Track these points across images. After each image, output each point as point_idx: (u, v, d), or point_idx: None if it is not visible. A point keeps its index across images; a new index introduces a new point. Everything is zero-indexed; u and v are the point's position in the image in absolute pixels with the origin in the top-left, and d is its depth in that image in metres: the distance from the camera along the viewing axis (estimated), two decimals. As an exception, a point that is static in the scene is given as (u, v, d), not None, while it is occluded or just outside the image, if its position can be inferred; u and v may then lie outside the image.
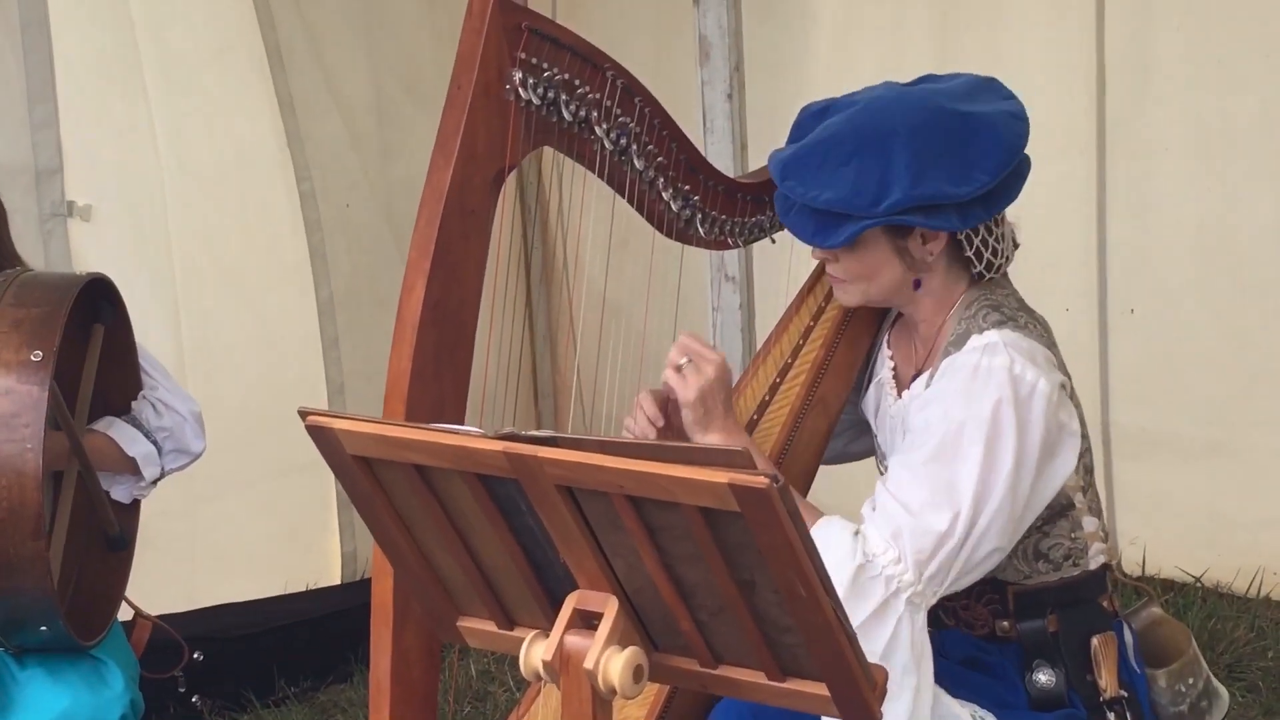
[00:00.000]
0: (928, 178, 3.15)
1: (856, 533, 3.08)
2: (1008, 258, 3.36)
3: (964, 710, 3.16)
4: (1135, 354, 5.69)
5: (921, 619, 3.08)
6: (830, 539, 3.07)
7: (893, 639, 3.04)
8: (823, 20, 5.86)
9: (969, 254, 3.29)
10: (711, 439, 3.22)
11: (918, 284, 3.31)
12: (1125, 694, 3.30)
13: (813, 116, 3.33)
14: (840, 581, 3.00)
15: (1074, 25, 5.52)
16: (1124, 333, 5.69)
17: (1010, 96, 3.31)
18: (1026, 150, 3.25)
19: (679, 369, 3.26)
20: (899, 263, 3.27)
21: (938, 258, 3.29)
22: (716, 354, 3.28)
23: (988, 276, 3.33)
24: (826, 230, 3.21)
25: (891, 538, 3.06)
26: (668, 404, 3.39)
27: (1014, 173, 3.24)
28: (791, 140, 3.32)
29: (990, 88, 3.32)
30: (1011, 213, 3.35)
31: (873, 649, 2.99)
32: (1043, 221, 5.45)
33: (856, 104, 3.28)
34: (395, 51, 6.22)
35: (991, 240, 3.30)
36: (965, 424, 3.11)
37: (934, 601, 3.11)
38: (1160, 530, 5.74)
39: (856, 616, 2.99)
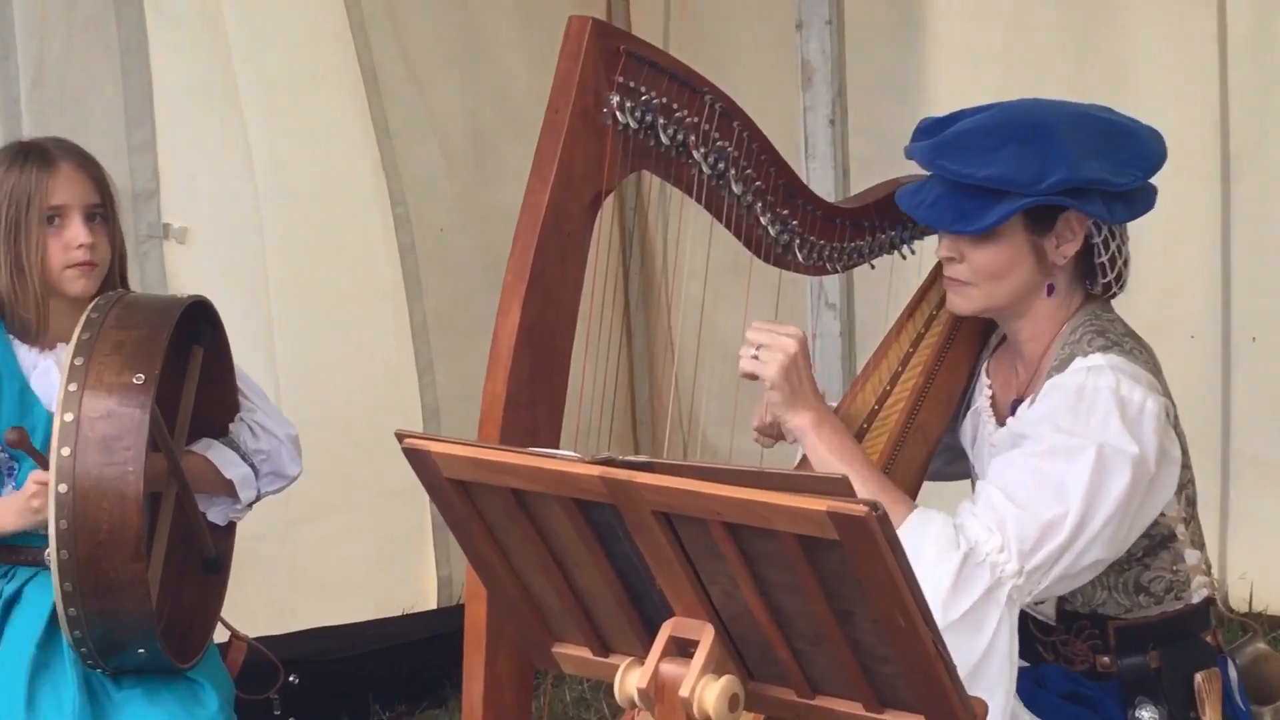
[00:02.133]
0: (1087, 164, 3.16)
1: (953, 523, 3.04)
2: (1125, 281, 3.34)
3: None
4: (1257, 383, 5.63)
5: (1014, 617, 3.01)
6: (930, 530, 3.03)
7: (995, 634, 2.97)
8: (942, 44, 5.83)
9: (1100, 261, 3.27)
10: (802, 418, 3.19)
11: (1051, 289, 3.28)
12: (1230, 732, 3.26)
13: (940, 122, 3.32)
14: (946, 572, 2.96)
15: (1198, 51, 5.48)
16: (1247, 361, 5.63)
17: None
18: (1159, 175, 3.25)
19: (755, 355, 3.22)
20: (1031, 262, 3.25)
21: (1066, 264, 3.27)
22: (793, 328, 3.24)
23: (1110, 293, 3.32)
24: (973, 214, 3.19)
25: (995, 526, 3.02)
26: None
27: (1151, 186, 3.26)
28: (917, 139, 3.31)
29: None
30: (1136, 238, 3.34)
31: (975, 644, 2.95)
32: (1167, 249, 5.45)
33: (995, 106, 3.29)
34: (491, 76, 6.23)
35: (1125, 251, 3.30)
36: (1075, 432, 3.08)
37: (1030, 601, 3.06)
38: (1272, 563, 5.66)
39: (959, 606, 2.95)
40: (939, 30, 5.85)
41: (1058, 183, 3.14)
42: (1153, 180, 3.26)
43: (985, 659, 2.95)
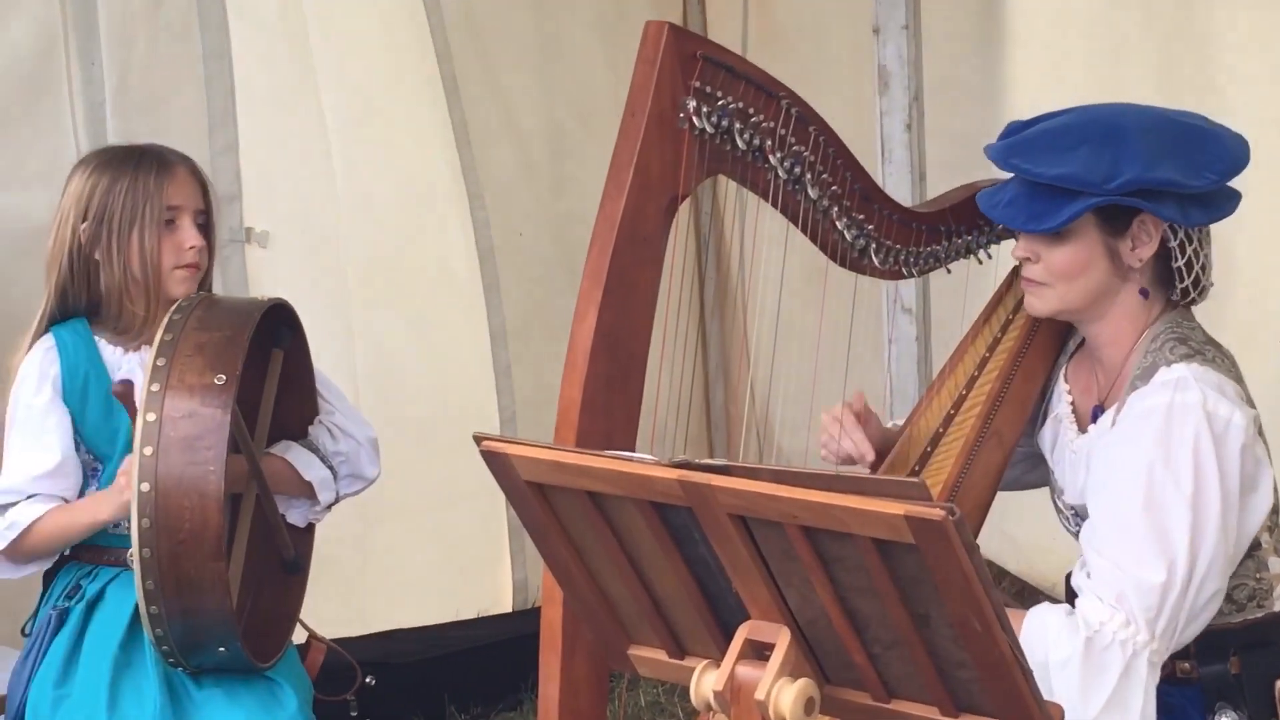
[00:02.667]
0: (1160, 165, 3.15)
1: (1069, 612, 3.04)
2: (1206, 287, 3.32)
3: None
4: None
5: (1157, 677, 3.03)
6: (1047, 628, 3.05)
7: (1145, 705, 2.99)
8: (1024, 46, 5.81)
9: (1178, 264, 3.26)
10: None
11: (1145, 293, 3.28)
12: (1311, 739, 3.24)
13: (1025, 124, 3.33)
14: (1073, 663, 2.98)
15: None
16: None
17: None
18: (1251, 179, 3.24)
19: None
20: (1105, 264, 3.25)
21: (1143, 267, 3.26)
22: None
23: (1189, 298, 3.30)
24: (1045, 213, 3.19)
25: (1116, 601, 3.02)
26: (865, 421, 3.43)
27: (1232, 190, 3.25)
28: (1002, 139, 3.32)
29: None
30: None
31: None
32: (1262, 251, 5.40)
33: (1077, 109, 3.30)
34: (570, 81, 6.24)
35: (1203, 256, 3.29)
36: (1167, 469, 3.07)
37: (1167, 656, 3.06)
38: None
39: (1101, 693, 2.97)
40: (1020, 32, 5.82)
41: (1128, 183, 3.14)
42: (1235, 184, 3.24)
43: None
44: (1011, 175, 3.27)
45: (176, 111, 5.20)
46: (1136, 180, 3.14)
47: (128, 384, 3.69)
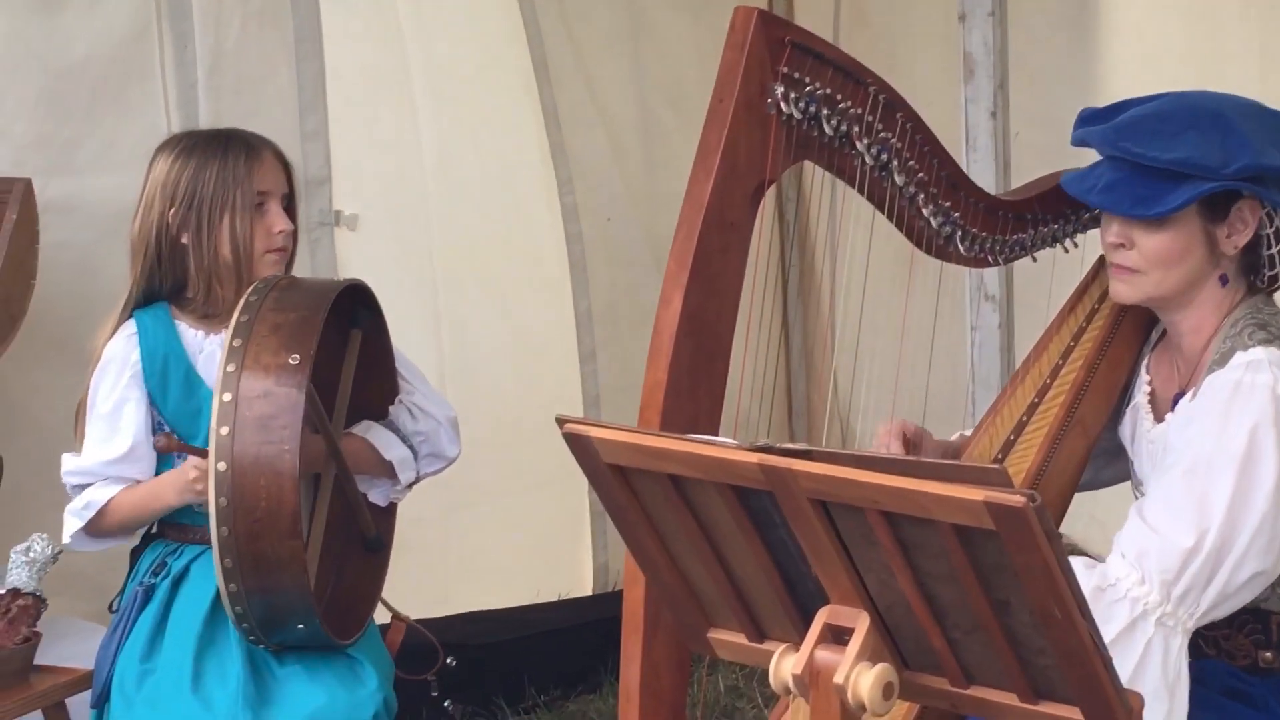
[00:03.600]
0: (1268, 152, 3.14)
1: (1093, 567, 3.01)
2: None
3: None
4: None
5: (1178, 644, 2.99)
6: None
7: (1140, 664, 2.96)
8: (1119, 33, 5.78)
9: (1270, 253, 3.25)
10: None
11: (1225, 279, 3.26)
12: (1391, 728, 3.22)
13: (1106, 110, 3.30)
14: None
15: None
16: None
17: None
18: None
19: None
20: (1202, 251, 3.22)
21: (1235, 255, 3.24)
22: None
23: (1275, 287, 3.29)
24: (1153, 199, 3.17)
25: (1136, 559, 3.00)
26: (916, 444, 3.42)
27: None
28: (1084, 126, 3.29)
29: None
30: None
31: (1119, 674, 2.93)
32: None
33: (1166, 95, 3.27)
34: (659, 66, 6.24)
35: None
36: (1221, 441, 3.05)
37: (1194, 625, 3.02)
38: None
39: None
40: (1115, 19, 5.78)
41: (1244, 168, 3.12)
42: None
43: (1131, 685, 2.92)
44: (1100, 159, 3.24)
45: (268, 94, 5.22)
46: (1251, 166, 3.12)
47: (169, 436, 3.74)
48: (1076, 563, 2.98)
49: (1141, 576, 2.98)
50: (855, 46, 6.21)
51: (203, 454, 3.61)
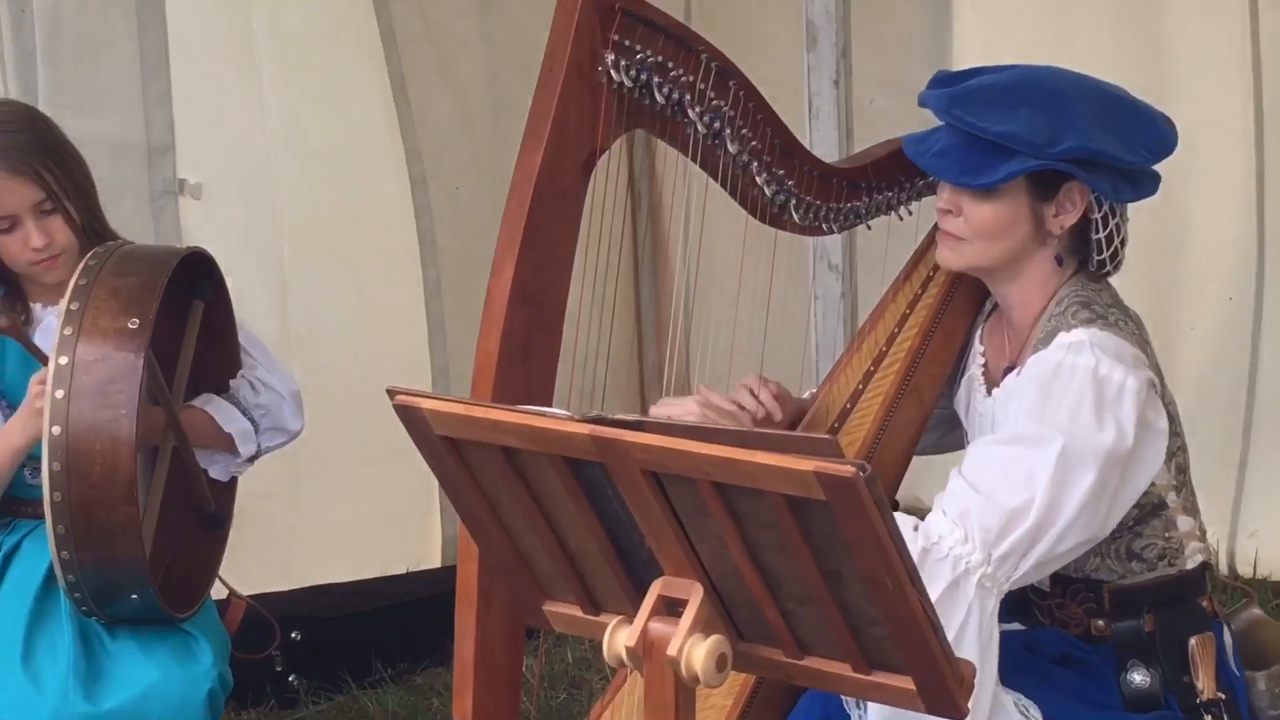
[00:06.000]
0: (1100, 137, 3.15)
1: (916, 527, 3.01)
2: (1120, 261, 3.32)
3: (1008, 697, 3.09)
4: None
5: (992, 605, 3.00)
6: None
7: (964, 625, 2.96)
8: (978, 7, 5.82)
9: (1097, 237, 3.26)
10: None
11: (1060, 260, 3.27)
12: (1223, 696, 3.24)
13: (957, 75, 3.32)
14: None
15: (1231, 12, 5.46)
16: (1276, 323, 5.64)
17: None
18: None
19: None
20: (1028, 226, 3.24)
21: (1063, 235, 3.26)
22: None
23: (1104, 272, 3.30)
24: (980, 168, 3.18)
25: (958, 517, 3.00)
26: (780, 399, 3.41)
27: (1155, 172, 3.27)
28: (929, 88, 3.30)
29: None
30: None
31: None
32: (1209, 211, 5.45)
33: (1016, 67, 3.29)
34: (509, 35, 6.19)
35: (1123, 230, 3.30)
36: (1047, 417, 3.06)
37: (1008, 588, 3.03)
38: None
39: None
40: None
41: (1069, 149, 3.14)
42: (1159, 167, 3.27)
43: (954, 647, 2.93)
44: (941, 124, 3.24)
45: (109, 61, 5.14)
46: (1077, 148, 3.14)
47: (10, 317, 3.68)
48: (903, 525, 2.99)
49: (964, 535, 2.98)
50: (706, 16, 6.23)
51: (45, 359, 3.55)
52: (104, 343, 3.48)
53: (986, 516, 2.99)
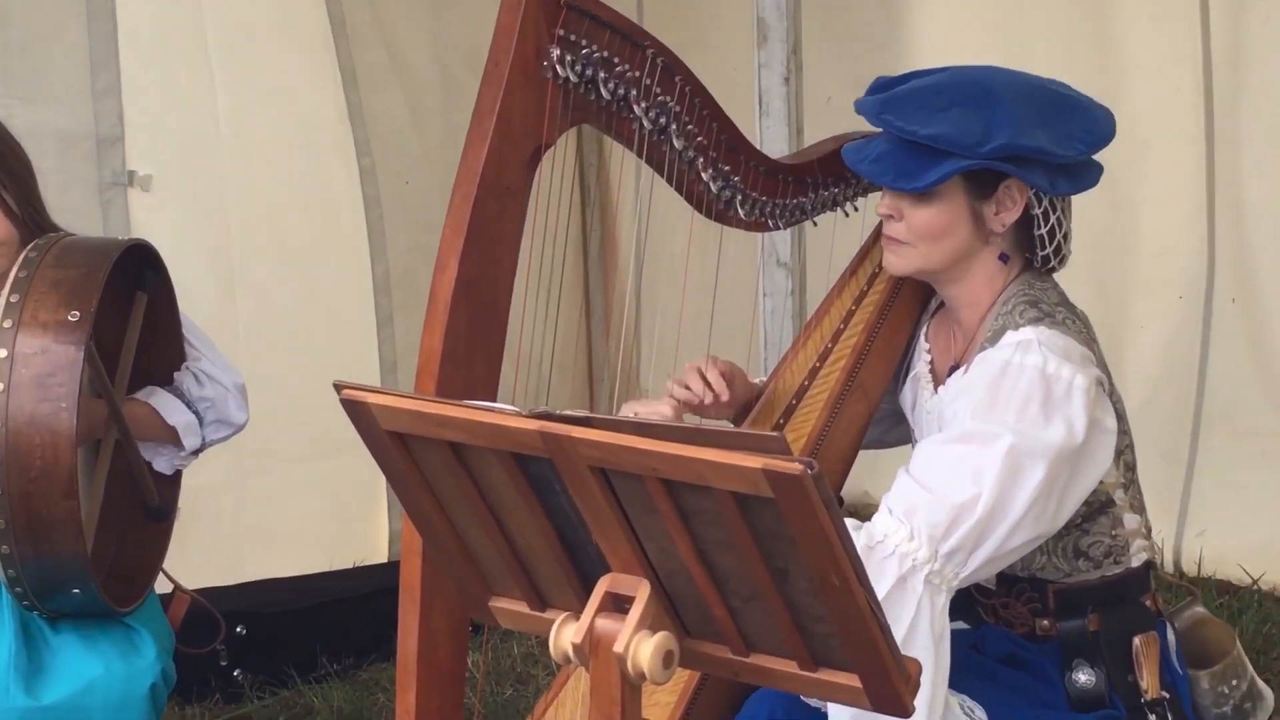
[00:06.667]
0: (1031, 133, 3.16)
1: (859, 527, 3.01)
2: (1065, 256, 3.32)
3: (954, 699, 3.10)
4: (1234, 344, 5.68)
5: (942, 602, 3.00)
6: None
7: (914, 623, 2.96)
8: (932, 3, 5.84)
9: (1039, 233, 3.26)
10: None
11: (1005, 257, 3.28)
12: (1167, 695, 3.25)
13: (894, 80, 3.31)
14: None
15: (1182, 12, 5.49)
16: (1225, 322, 5.68)
17: None
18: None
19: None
20: (969, 226, 3.25)
21: (1005, 232, 3.26)
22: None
23: (1049, 267, 3.30)
24: (914, 172, 3.19)
25: (904, 515, 3.00)
26: (729, 379, 3.41)
27: (1096, 163, 3.27)
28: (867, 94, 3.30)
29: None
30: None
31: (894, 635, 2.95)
32: (1160, 209, 5.47)
33: (949, 68, 3.30)
34: (460, 27, 6.18)
35: (1065, 225, 3.29)
36: (995, 416, 3.07)
37: (958, 585, 3.04)
38: (1228, 525, 5.69)
39: None
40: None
41: (1000, 148, 3.14)
42: (1098, 158, 3.27)
43: (905, 645, 2.93)
44: (880, 130, 3.25)
45: (58, 51, 5.14)
46: (1008, 146, 3.14)
47: None
48: (848, 525, 2.98)
49: (910, 532, 2.99)
50: (659, 13, 6.24)
51: None
52: (44, 335, 3.46)
53: (934, 513, 2.99)
